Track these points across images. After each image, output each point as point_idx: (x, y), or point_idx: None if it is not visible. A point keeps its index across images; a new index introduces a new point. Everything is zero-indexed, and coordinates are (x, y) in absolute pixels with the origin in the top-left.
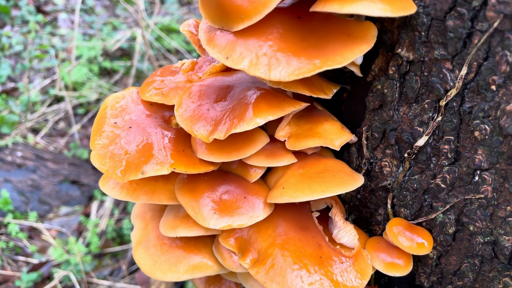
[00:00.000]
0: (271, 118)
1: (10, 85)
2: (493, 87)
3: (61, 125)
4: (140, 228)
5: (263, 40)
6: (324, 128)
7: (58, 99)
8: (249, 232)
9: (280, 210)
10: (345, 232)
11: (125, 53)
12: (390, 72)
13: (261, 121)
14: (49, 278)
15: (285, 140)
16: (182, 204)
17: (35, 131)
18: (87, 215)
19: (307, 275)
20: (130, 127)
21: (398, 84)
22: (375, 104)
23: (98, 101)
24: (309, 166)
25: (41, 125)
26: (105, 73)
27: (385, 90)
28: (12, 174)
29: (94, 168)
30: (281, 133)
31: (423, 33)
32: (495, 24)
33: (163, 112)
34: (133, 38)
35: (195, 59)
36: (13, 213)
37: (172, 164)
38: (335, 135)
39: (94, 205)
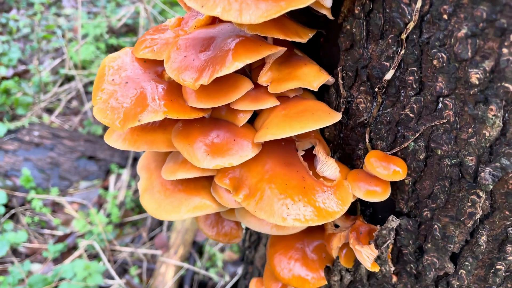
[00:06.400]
0: (249, 61)
1: (21, 67)
2: (445, 16)
3: (74, 103)
4: (146, 177)
5: None
6: (303, 71)
7: (69, 78)
8: (241, 172)
9: (268, 150)
10: (327, 165)
11: (131, 29)
12: (356, 11)
13: (240, 64)
14: (74, 248)
15: (267, 85)
16: (179, 149)
17: (49, 111)
18: (106, 188)
19: (291, 203)
20: (126, 83)
21: (364, 23)
22: (347, 44)
23: None
24: (290, 108)
25: (54, 105)
26: (112, 50)
27: (354, 30)
28: (31, 153)
29: None
30: (263, 79)
31: None
32: None
33: (156, 68)
34: (137, 13)
35: (182, 16)
36: (36, 190)
37: (165, 111)
38: (313, 77)
39: (112, 179)
